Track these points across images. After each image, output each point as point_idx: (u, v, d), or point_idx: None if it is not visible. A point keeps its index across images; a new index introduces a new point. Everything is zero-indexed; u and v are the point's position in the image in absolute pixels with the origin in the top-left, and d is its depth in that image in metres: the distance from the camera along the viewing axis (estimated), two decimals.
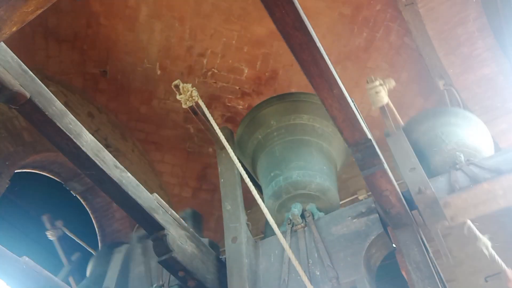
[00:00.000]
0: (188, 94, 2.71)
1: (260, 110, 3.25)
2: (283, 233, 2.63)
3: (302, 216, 2.69)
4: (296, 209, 2.73)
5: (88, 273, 4.06)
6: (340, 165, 3.36)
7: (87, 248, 4.86)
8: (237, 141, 3.35)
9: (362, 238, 2.39)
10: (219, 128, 3.13)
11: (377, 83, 2.56)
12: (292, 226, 2.64)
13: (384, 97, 2.61)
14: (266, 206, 2.89)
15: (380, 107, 2.71)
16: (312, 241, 2.52)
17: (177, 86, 2.74)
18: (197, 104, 2.76)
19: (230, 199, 2.83)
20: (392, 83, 2.60)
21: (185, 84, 2.74)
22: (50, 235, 4.63)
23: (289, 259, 2.44)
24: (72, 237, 4.81)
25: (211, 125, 2.82)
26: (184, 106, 2.74)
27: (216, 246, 3.00)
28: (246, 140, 3.30)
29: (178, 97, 2.74)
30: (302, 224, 2.63)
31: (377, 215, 2.45)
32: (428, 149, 2.99)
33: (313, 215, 2.66)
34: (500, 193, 2.27)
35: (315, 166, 2.92)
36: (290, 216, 2.69)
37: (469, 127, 3.10)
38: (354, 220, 2.50)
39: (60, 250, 4.61)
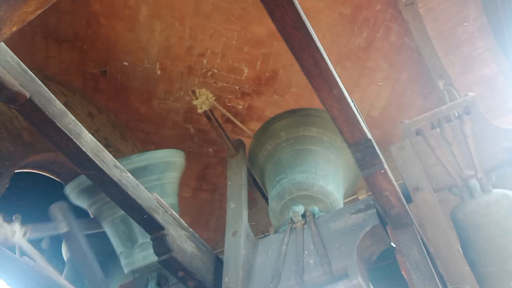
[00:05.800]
0: (203, 98, 2.84)
1: (271, 124, 3.42)
2: (284, 231, 2.67)
3: (303, 216, 2.73)
4: (298, 208, 2.77)
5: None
6: (349, 182, 3.42)
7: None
8: (249, 153, 3.50)
9: (357, 229, 2.44)
10: (233, 140, 3.27)
11: None
12: (292, 224, 2.68)
13: None
14: (270, 208, 2.93)
15: None
16: (309, 236, 2.57)
17: (193, 92, 2.90)
18: (211, 110, 2.91)
19: (235, 199, 2.92)
20: None
21: (201, 89, 2.90)
22: None
23: (286, 252, 2.50)
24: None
25: (224, 132, 2.92)
26: (199, 111, 2.86)
27: None
28: (257, 152, 3.44)
29: (194, 102, 2.88)
30: (302, 222, 2.67)
31: (375, 210, 2.48)
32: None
33: (314, 215, 2.70)
34: None
35: (319, 171, 3.00)
36: (291, 214, 2.72)
37: None
38: (352, 216, 2.53)
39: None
